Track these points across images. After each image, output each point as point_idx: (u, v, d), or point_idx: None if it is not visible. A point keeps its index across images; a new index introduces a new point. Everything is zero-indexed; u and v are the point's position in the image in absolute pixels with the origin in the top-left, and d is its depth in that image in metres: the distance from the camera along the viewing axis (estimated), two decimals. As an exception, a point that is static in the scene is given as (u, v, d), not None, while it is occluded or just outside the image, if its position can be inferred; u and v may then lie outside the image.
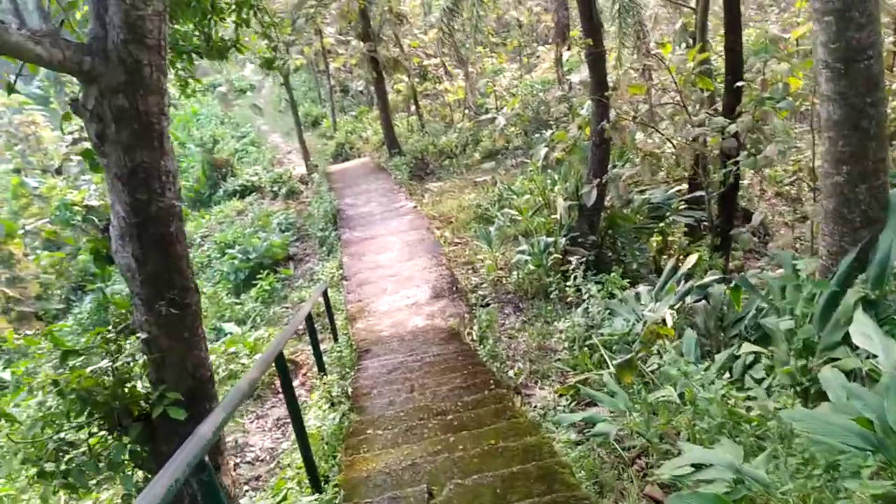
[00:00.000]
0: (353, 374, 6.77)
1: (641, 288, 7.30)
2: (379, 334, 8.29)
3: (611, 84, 9.57)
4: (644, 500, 4.25)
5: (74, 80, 2.84)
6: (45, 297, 18.50)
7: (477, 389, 5.34)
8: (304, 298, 10.78)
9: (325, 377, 5.73)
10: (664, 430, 4.79)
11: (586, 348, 6.98)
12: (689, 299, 6.74)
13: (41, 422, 2.95)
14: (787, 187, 14.20)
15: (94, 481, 2.95)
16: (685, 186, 11.57)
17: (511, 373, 6.45)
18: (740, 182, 9.18)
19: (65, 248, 21.77)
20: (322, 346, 8.61)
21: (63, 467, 2.87)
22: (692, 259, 6.92)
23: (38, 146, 28.65)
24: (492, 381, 5.54)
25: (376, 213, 14.05)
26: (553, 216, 10.61)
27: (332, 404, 5.55)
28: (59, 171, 19.43)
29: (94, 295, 15.72)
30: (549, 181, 11.91)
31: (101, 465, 2.90)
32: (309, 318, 5.62)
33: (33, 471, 2.93)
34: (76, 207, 15.40)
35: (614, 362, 5.84)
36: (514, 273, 9.51)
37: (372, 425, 4.81)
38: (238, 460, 6.67)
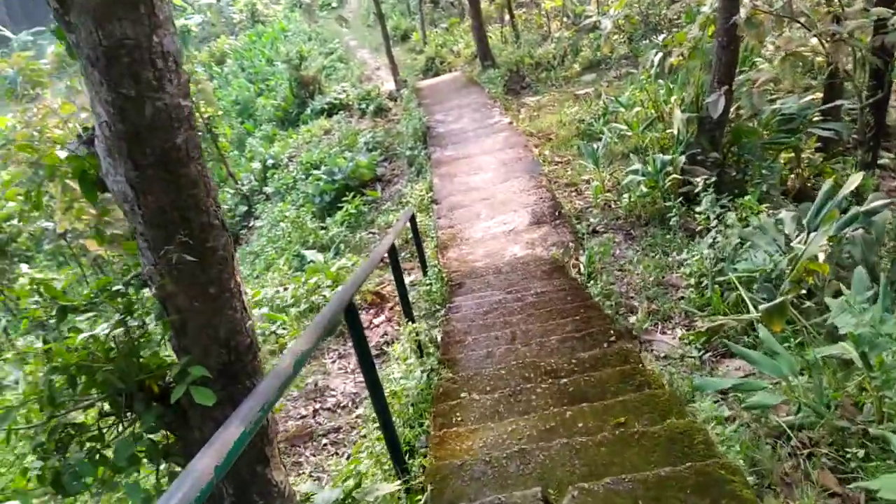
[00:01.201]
0: (443, 313, 5.93)
1: (784, 213, 6.08)
2: (472, 265, 7.40)
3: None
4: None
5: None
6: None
7: (594, 341, 4.37)
8: (392, 223, 9.98)
9: (409, 325, 4.86)
10: (839, 400, 3.74)
11: (717, 286, 5.90)
12: (848, 229, 5.54)
13: (36, 399, 2.18)
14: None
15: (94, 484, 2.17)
16: (819, 95, 10.01)
17: (633, 319, 5.44)
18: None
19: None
20: (409, 278, 7.82)
21: (54, 464, 2.12)
22: (856, 179, 5.62)
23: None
24: (612, 332, 4.55)
25: (469, 129, 12.98)
26: (668, 131, 9.29)
27: (420, 354, 4.72)
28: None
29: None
30: (662, 91, 10.51)
31: (101, 464, 2.14)
32: (393, 251, 4.74)
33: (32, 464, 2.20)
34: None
35: (761, 307, 4.76)
36: (625, 196, 8.36)
37: (467, 385, 3.96)
38: (318, 406, 6.01)
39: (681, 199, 7.64)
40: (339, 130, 16.40)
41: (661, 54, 10.08)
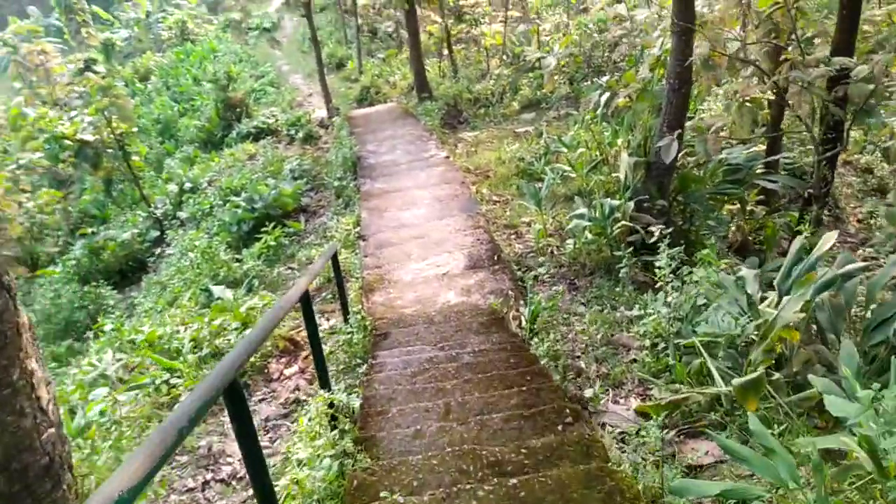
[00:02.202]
0: (364, 370, 5.08)
1: (745, 271, 5.51)
2: (401, 311, 6.58)
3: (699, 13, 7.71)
4: None
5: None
6: (39, 238, 17.04)
7: (546, 422, 3.60)
8: (314, 258, 9.09)
9: (322, 394, 3.99)
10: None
11: (673, 349, 5.26)
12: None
13: None
14: (856, 155, 12.34)
15: None
16: (761, 147, 9.72)
17: (588, 392, 4.71)
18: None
19: (75, 185, 20.30)
20: (328, 324, 6.94)
21: None
22: (830, 238, 5.08)
23: (48, 77, 26.94)
24: (567, 410, 3.78)
25: (402, 162, 12.24)
26: (614, 174, 8.76)
27: (334, 426, 3.86)
28: (55, 104, 17.80)
29: (86, 240, 14.15)
30: (607, 133, 10.04)
31: None
32: (306, 300, 3.89)
33: None
34: (67, 141, 13.83)
35: (734, 381, 4.11)
36: (569, 242, 7.72)
37: (389, 478, 3.11)
38: (210, 476, 5.04)
39: (628, 247, 7.05)
40: (264, 156, 15.44)
41: (607, 94, 9.60)
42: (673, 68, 7.30)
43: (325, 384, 4.17)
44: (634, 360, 5.51)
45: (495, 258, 7.56)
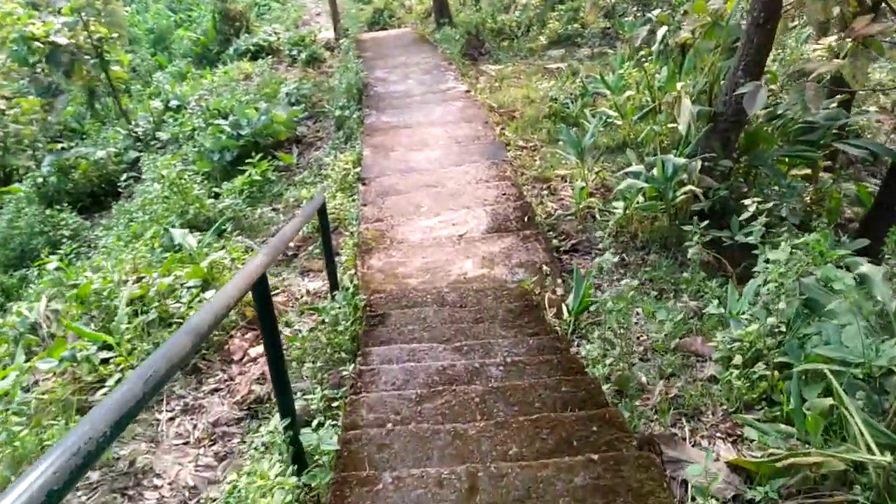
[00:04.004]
0: (352, 371, 3.65)
1: (867, 268, 4.05)
2: (404, 283, 5.14)
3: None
4: None
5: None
6: (13, 150, 15.48)
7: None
8: (304, 200, 7.59)
9: (282, 428, 2.58)
10: None
11: (774, 371, 3.85)
12: None
13: None
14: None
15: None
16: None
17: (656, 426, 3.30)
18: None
19: (63, 95, 18.61)
20: (312, 285, 5.50)
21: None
22: None
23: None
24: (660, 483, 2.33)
25: (415, 93, 10.60)
26: (670, 125, 7.19)
27: (300, 468, 2.46)
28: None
29: (55, 156, 12.59)
30: (660, 76, 8.41)
31: None
32: (262, 285, 2.44)
33: None
34: (37, 43, 12.13)
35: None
36: (617, 205, 6.23)
37: None
38: None
39: (694, 218, 5.56)
40: (261, 76, 13.76)
41: (666, 28, 7.96)
42: (756, -2, 5.76)
43: (286, 411, 2.75)
44: (714, 379, 4.09)
45: (525, 220, 6.06)
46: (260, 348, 4.80)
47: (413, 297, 4.82)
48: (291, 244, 6.48)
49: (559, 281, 5.14)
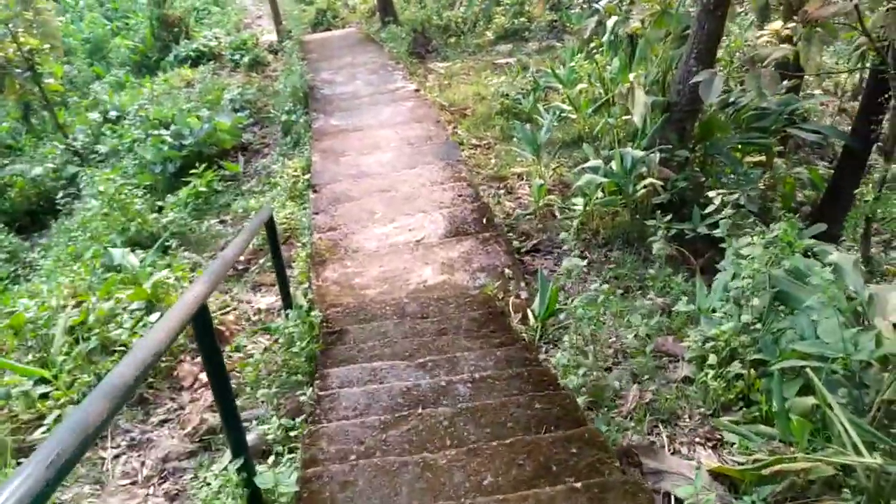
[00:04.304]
0: (309, 396, 3.40)
1: (837, 255, 3.95)
2: (361, 294, 4.89)
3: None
4: None
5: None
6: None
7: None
8: (252, 211, 7.28)
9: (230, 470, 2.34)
10: None
11: (751, 370, 3.73)
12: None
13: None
14: None
15: None
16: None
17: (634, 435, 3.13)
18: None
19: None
20: (263, 301, 5.23)
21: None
22: None
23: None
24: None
25: (363, 94, 10.32)
26: (625, 117, 7.07)
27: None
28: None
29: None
30: (611, 67, 8.30)
31: None
32: (203, 316, 2.20)
33: None
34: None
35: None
36: (577, 201, 6.07)
37: None
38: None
39: (659, 212, 5.43)
40: (202, 83, 13.31)
41: (615, 19, 7.86)
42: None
43: (237, 450, 2.50)
44: (689, 380, 3.95)
45: (484, 221, 5.87)
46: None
47: (371, 309, 4.58)
48: (242, 257, 6.18)
49: (522, 284, 4.96)
